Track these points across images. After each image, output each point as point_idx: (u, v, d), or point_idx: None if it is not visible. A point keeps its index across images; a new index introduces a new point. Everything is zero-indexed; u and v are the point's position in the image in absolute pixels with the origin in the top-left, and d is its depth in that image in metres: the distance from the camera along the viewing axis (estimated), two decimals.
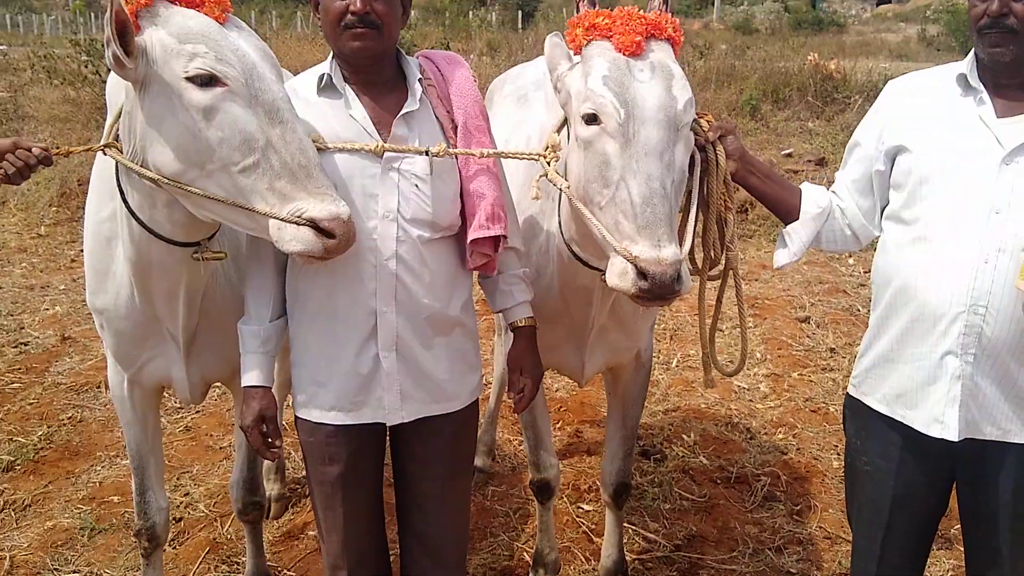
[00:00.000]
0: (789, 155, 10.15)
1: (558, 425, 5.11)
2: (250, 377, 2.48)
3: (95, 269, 2.73)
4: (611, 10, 2.37)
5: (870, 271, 2.64)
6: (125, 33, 2.08)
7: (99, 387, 5.52)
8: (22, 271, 8.06)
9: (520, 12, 45.46)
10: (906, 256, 2.41)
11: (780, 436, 5.03)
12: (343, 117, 2.42)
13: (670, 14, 2.41)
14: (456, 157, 2.46)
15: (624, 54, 2.28)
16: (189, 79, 2.10)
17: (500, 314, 2.75)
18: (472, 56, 17.85)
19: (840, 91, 11.64)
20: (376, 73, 2.45)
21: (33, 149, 2.30)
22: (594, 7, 2.42)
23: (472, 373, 2.63)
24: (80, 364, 5.93)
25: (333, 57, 2.47)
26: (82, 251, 8.30)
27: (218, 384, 3.24)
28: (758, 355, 6.20)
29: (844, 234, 2.61)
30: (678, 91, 2.26)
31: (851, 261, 8.31)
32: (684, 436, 4.95)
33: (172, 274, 2.51)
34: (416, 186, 2.41)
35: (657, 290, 2.07)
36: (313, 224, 2.10)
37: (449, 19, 37.60)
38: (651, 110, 2.20)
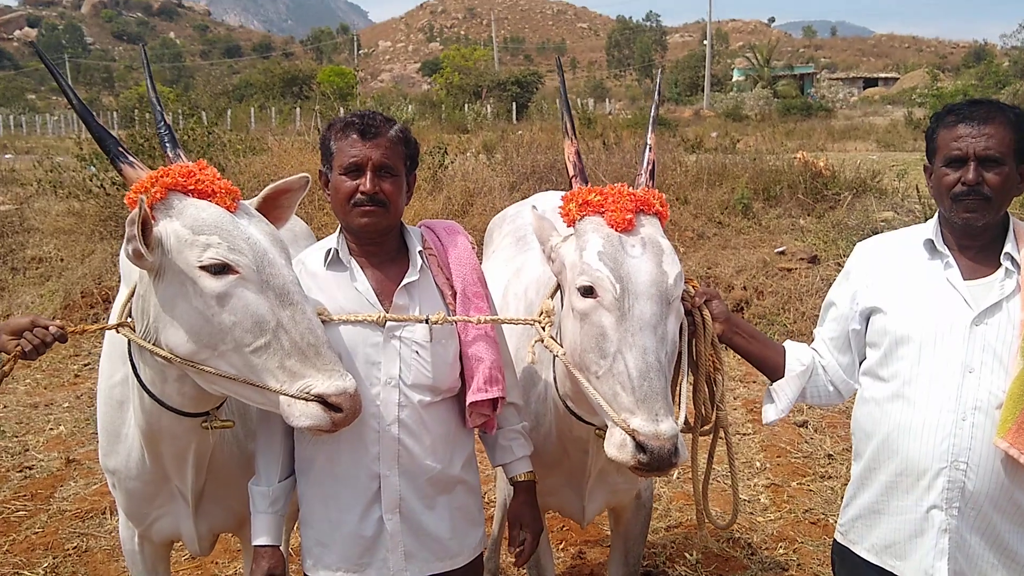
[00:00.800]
0: (782, 253, 10.30)
1: (560, 546, 5.13)
2: (260, 538, 2.56)
3: (107, 431, 2.82)
4: (602, 187, 2.51)
5: None
6: (145, 229, 2.21)
7: (104, 513, 5.54)
8: (26, 388, 8.12)
9: (515, 104, 46.41)
10: (886, 411, 2.52)
11: (781, 551, 5.05)
12: (348, 289, 2.55)
13: (656, 189, 2.56)
14: (455, 323, 2.58)
15: (616, 230, 2.41)
16: (203, 268, 2.23)
17: (499, 468, 2.83)
18: (468, 154, 18.21)
19: (830, 187, 11.86)
20: (381, 246, 2.59)
21: (50, 327, 2.41)
22: (586, 184, 2.57)
23: (475, 529, 2.71)
24: (85, 489, 5.95)
25: (340, 231, 2.61)
26: (86, 365, 8.33)
27: None
28: (757, 464, 6.25)
29: (827, 390, 2.72)
30: (668, 266, 2.39)
31: None
32: (687, 554, 4.98)
33: (182, 441, 2.60)
34: (417, 352, 2.53)
35: (655, 463, 2.17)
36: (321, 399, 2.21)
37: (445, 112, 38.37)
38: (644, 285, 2.33)
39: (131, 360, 2.50)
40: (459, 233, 2.73)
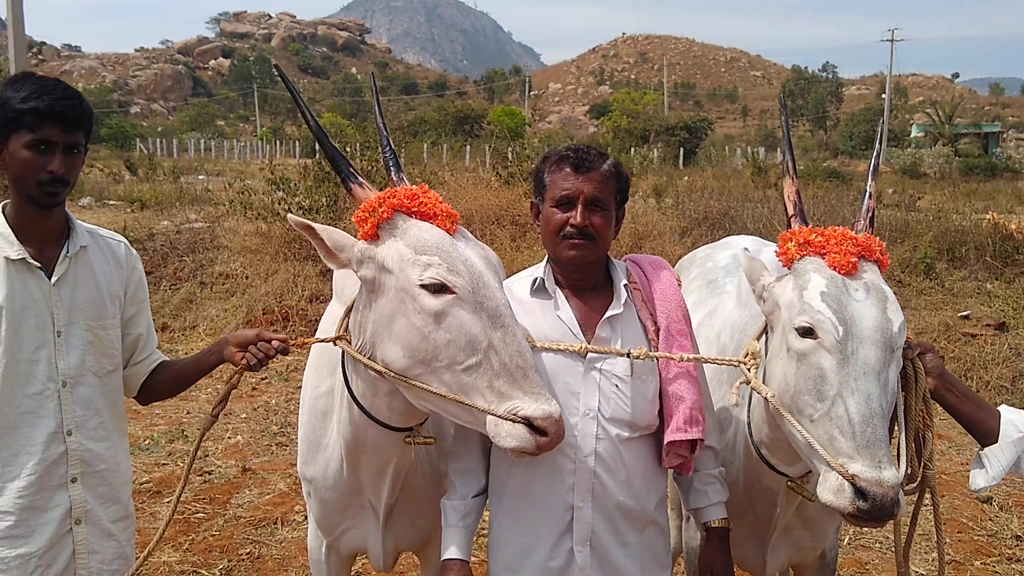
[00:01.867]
0: (966, 317, 9.81)
1: None
2: (450, 551, 2.58)
3: (308, 440, 2.92)
4: (823, 228, 2.46)
5: None
6: (330, 248, 2.43)
7: (276, 523, 5.74)
8: (207, 396, 8.50)
9: (682, 149, 46.16)
10: None
11: None
12: (551, 317, 2.57)
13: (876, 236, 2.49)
14: (656, 360, 2.56)
15: (839, 272, 2.36)
16: (423, 286, 2.29)
17: (692, 513, 2.78)
18: (637, 197, 18.22)
19: (1021, 252, 11.20)
20: (586, 278, 2.61)
21: (273, 341, 2.57)
22: (806, 224, 2.52)
23: (663, 572, 2.66)
24: (259, 498, 6.18)
25: (547, 261, 2.64)
26: (263, 379, 8.68)
27: None
28: None
29: None
30: (892, 314, 2.32)
31: None
32: None
33: (384, 454, 2.67)
34: (616, 386, 2.52)
35: (876, 511, 2.10)
36: (527, 422, 2.22)
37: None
38: (869, 330, 2.26)
39: (344, 373, 2.60)
40: (665, 268, 2.72)
